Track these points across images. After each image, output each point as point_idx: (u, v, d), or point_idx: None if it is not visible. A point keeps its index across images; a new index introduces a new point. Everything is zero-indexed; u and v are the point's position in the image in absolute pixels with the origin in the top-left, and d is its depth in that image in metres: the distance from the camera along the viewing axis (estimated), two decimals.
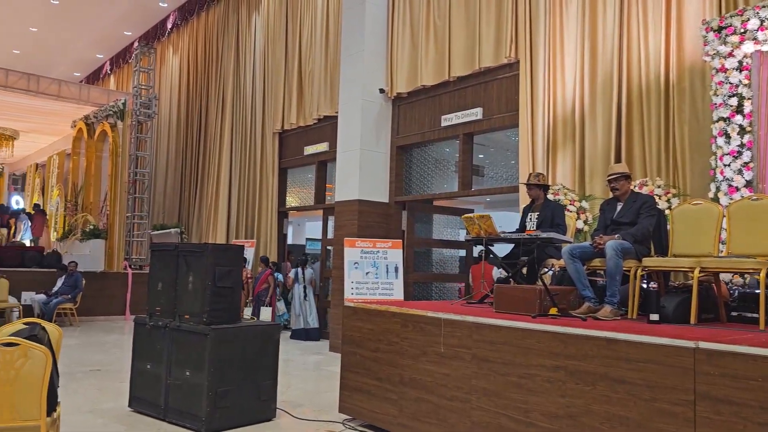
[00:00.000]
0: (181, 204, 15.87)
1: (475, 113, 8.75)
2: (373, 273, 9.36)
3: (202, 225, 14.58)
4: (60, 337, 4.40)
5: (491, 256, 5.69)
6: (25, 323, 4.36)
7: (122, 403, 5.84)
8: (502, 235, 5.38)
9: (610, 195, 5.23)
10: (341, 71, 10.20)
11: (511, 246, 5.69)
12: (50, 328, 4.29)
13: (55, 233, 16.97)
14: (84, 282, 12.06)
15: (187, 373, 5.15)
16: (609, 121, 6.87)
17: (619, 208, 5.05)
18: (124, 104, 13.75)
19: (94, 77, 22.23)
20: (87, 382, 6.96)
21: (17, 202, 20.92)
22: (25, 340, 3.61)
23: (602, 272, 4.98)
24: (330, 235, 11.37)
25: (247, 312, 6.60)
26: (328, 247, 11.51)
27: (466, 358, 4.37)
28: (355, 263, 9.38)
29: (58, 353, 4.17)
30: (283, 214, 12.78)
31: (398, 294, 9.36)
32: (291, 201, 12.94)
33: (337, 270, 9.91)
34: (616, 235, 4.74)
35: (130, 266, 13.84)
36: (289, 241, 13.50)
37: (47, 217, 17.02)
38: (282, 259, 12.66)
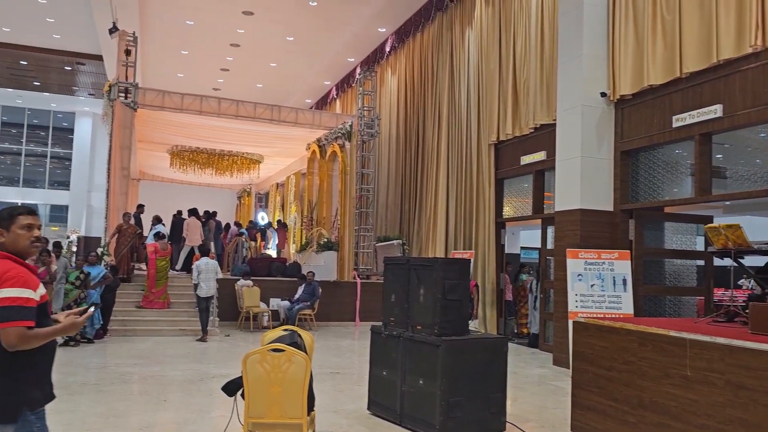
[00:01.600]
0: (401, 216, 16.71)
1: (714, 111, 7.93)
2: (598, 285, 8.95)
3: (422, 236, 15.18)
4: (312, 344, 4.91)
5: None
6: (284, 329, 4.95)
7: (361, 405, 6.31)
8: (755, 246, 4.82)
9: None
10: (558, 77, 9.95)
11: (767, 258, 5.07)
12: (304, 335, 4.81)
13: (294, 245, 18.92)
14: (320, 290, 13.26)
15: (421, 382, 5.41)
16: None
17: None
18: (350, 126, 14.91)
19: (323, 102, 24.41)
20: (328, 383, 7.63)
21: (263, 218, 23.70)
22: (288, 346, 4.11)
23: None
24: (549, 246, 11.11)
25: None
26: (548, 258, 11.25)
27: (718, 383, 3.98)
28: (579, 275, 9.04)
29: (310, 358, 4.65)
30: (500, 224, 12.79)
31: (627, 308, 8.81)
32: (507, 211, 12.90)
33: (558, 281, 9.65)
34: None
35: (358, 275, 14.90)
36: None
37: (287, 230, 19.04)
38: (500, 270, 12.65)
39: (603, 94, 9.45)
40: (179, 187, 25.43)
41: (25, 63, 22.85)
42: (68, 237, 28.44)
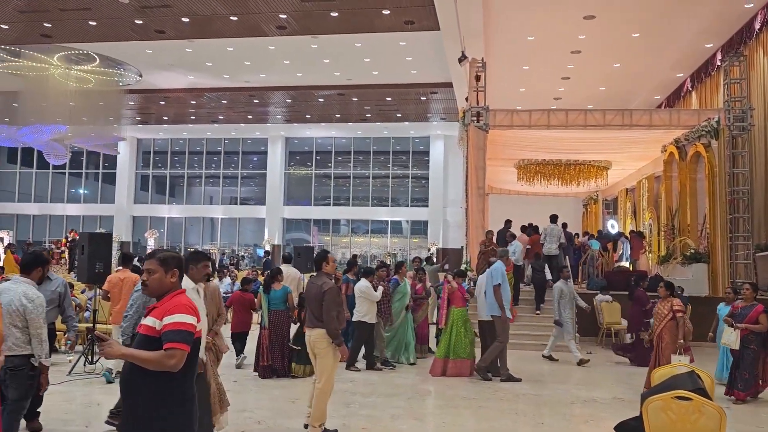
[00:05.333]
0: None
1: None
2: None
3: None
4: (713, 386, 4.38)
5: None
6: (676, 366, 4.51)
7: None
8: None
9: None
10: None
11: None
12: (704, 376, 4.31)
13: (651, 256, 17.56)
14: (690, 307, 11.98)
15: None
16: None
17: None
18: (716, 122, 13.20)
19: (675, 97, 22.24)
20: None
21: (612, 225, 22.64)
22: (694, 394, 3.71)
23: None
24: None
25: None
26: None
27: None
28: None
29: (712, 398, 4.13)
30: None
31: None
32: None
33: None
34: None
35: (734, 291, 13.03)
36: None
37: (643, 240, 17.75)
38: None
39: None
40: (524, 198, 25.90)
41: (390, 99, 26.16)
42: (429, 249, 31.54)
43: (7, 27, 18.47)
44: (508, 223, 16.32)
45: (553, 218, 15.57)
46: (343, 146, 34.95)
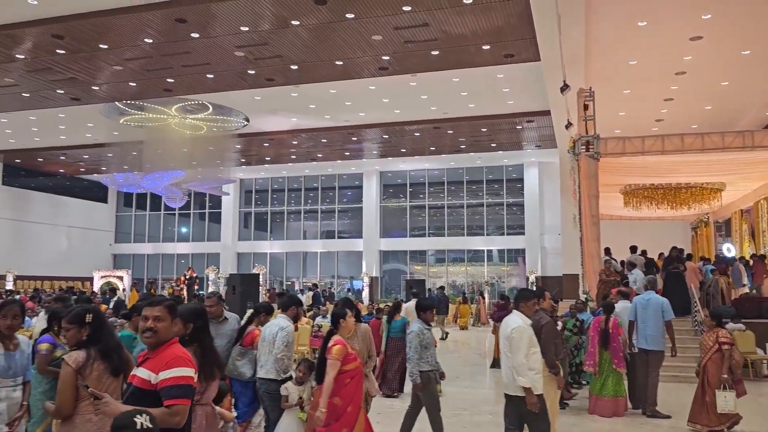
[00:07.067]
0: None
1: None
2: None
3: None
4: None
5: None
6: None
7: None
8: None
9: None
10: None
11: None
12: None
13: None
14: None
15: None
16: None
17: None
18: None
19: None
20: None
21: (728, 249, 21.66)
22: None
23: None
24: None
25: None
26: None
27: None
28: None
29: None
30: None
31: None
32: None
33: None
34: None
35: None
36: None
37: (766, 263, 16.92)
38: None
39: None
40: (628, 223, 25.22)
41: (485, 130, 26.38)
42: (528, 278, 31.19)
43: (134, 84, 20.21)
44: (606, 250, 15.92)
45: (634, 249, 16.03)
46: (436, 177, 35.35)
